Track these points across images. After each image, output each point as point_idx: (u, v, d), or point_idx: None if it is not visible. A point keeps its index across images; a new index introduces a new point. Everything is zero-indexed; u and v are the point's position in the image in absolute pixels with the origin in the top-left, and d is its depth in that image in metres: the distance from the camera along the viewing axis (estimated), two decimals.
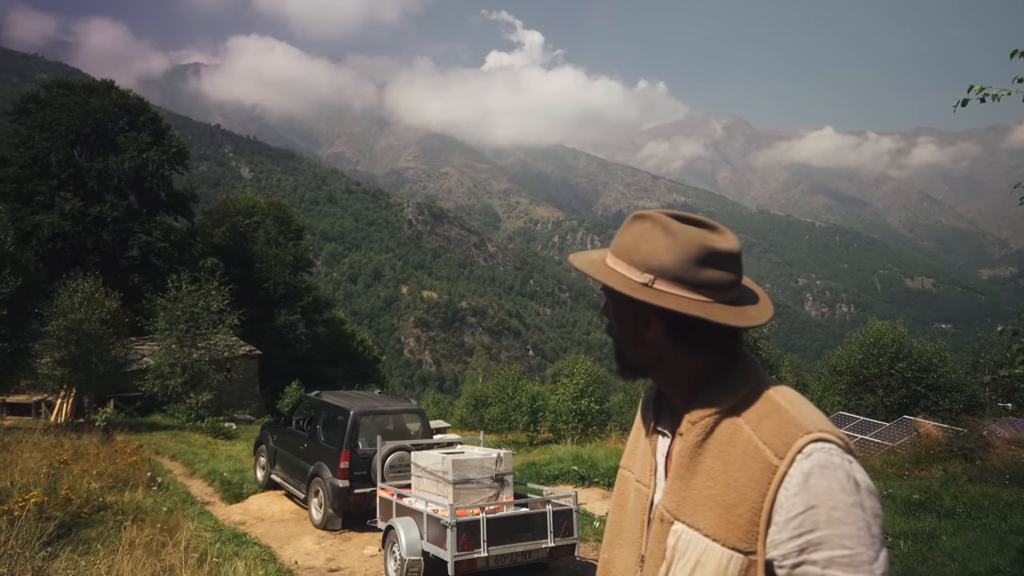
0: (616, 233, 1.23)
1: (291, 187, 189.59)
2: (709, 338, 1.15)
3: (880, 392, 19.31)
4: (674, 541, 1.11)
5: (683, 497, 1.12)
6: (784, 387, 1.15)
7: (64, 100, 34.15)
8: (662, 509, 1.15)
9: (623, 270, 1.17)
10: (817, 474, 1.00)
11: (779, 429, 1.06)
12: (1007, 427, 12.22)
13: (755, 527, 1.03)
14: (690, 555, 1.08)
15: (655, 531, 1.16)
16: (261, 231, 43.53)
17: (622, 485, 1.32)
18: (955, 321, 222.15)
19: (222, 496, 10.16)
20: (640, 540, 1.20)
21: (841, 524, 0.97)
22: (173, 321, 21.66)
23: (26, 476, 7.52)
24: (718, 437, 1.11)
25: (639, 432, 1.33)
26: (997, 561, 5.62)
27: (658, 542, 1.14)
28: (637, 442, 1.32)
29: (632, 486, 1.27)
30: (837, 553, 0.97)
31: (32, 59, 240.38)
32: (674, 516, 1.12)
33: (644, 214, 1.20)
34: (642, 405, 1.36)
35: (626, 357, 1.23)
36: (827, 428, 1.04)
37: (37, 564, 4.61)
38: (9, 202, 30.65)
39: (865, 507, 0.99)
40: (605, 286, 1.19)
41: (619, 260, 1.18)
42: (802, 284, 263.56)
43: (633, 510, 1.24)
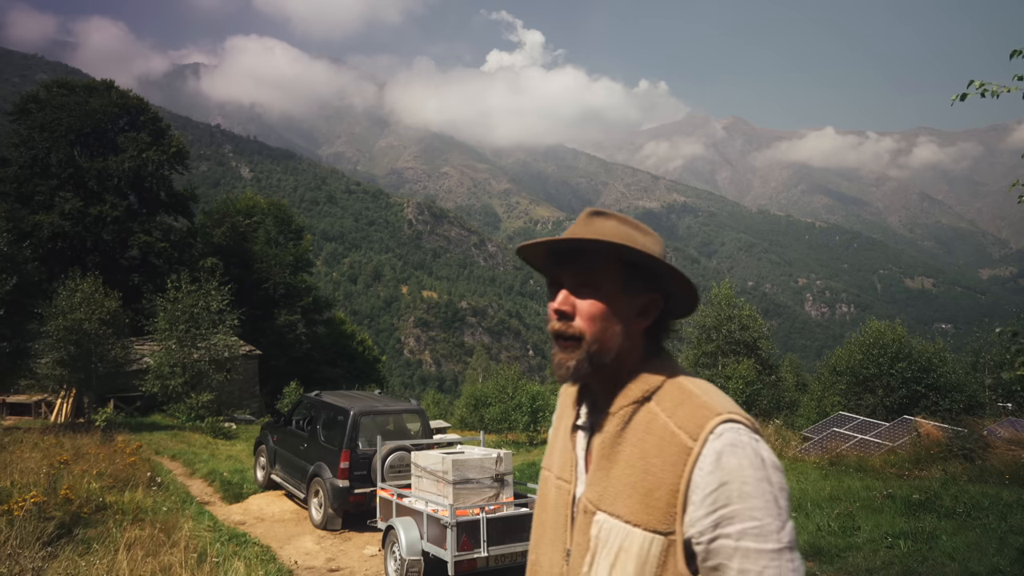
0: (578, 225, 1.21)
1: (291, 187, 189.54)
2: (666, 327, 1.25)
3: (880, 392, 19.31)
4: (596, 531, 1.14)
5: (604, 487, 1.16)
6: (695, 377, 1.21)
7: (64, 100, 34.15)
8: (585, 501, 1.18)
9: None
10: (728, 452, 1.06)
11: (692, 413, 1.11)
12: (1007, 427, 12.22)
13: (673, 508, 1.08)
14: (612, 542, 1.12)
15: (579, 523, 1.19)
16: (261, 231, 43.51)
17: (543, 485, 1.34)
18: (955, 321, 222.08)
19: (222, 496, 10.16)
20: (565, 535, 1.22)
21: (750, 498, 1.03)
22: (173, 321, 21.66)
23: (26, 476, 7.52)
24: (636, 426, 1.15)
25: (558, 432, 1.35)
26: (997, 561, 5.62)
27: (582, 534, 1.17)
28: (555, 441, 1.35)
29: (552, 484, 1.30)
30: (748, 525, 1.02)
31: (32, 59, 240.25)
32: (596, 507, 1.16)
33: (608, 212, 1.21)
34: (560, 404, 1.38)
35: (603, 352, 1.17)
36: (735, 410, 1.11)
37: (37, 564, 4.61)
38: (9, 202, 30.69)
39: (771, 481, 1.05)
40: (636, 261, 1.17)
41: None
42: (802, 284, 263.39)
43: (555, 507, 1.27)
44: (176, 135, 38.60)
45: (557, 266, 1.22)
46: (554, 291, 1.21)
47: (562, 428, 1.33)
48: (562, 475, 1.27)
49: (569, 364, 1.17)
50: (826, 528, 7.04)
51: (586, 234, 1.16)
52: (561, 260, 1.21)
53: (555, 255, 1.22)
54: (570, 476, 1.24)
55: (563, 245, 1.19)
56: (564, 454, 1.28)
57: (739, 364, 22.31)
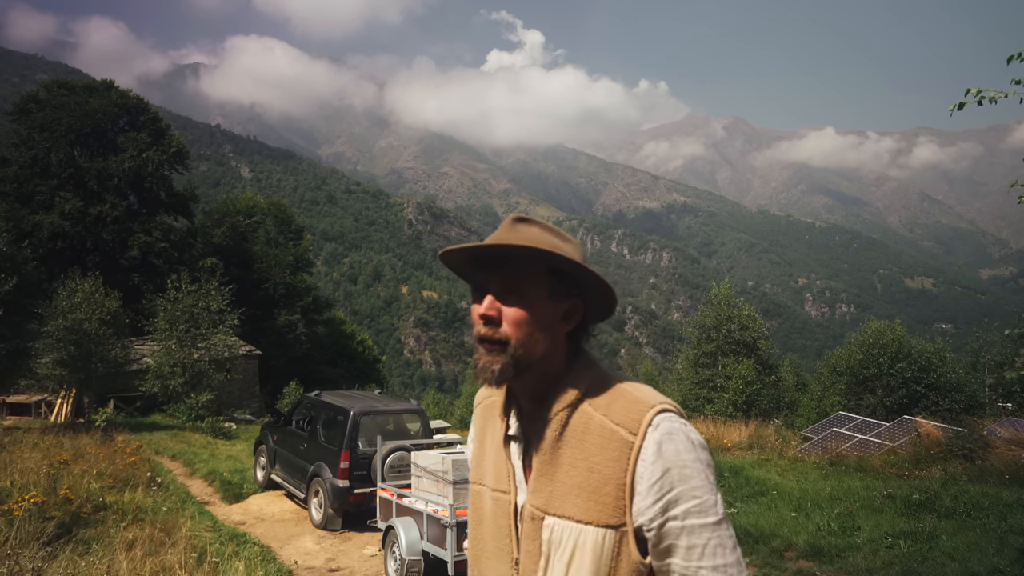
0: (503, 231, 1.22)
1: (291, 187, 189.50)
2: (587, 330, 1.29)
3: (880, 392, 19.32)
4: (548, 535, 1.17)
5: (550, 492, 1.18)
6: (618, 372, 1.27)
7: (64, 100, 34.13)
8: (531, 508, 1.20)
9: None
10: (666, 441, 1.13)
11: (627, 409, 1.17)
12: (1007, 427, 12.21)
13: (621, 501, 1.13)
14: (566, 543, 1.15)
15: (527, 531, 1.21)
16: (261, 231, 43.50)
17: (476, 500, 1.35)
18: (955, 321, 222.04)
19: (222, 496, 10.16)
20: (510, 545, 1.24)
21: (690, 479, 1.12)
22: (173, 321, 21.65)
23: (26, 476, 7.52)
24: (573, 428, 1.19)
25: (484, 445, 1.36)
26: (997, 561, 5.62)
27: (532, 540, 1.19)
28: (484, 454, 1.36)
29: (488, 497, 1.30)
30: (691, 504, 1.11)
31: (32, 59, 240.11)
32: (544, 512, 1.18)
33: (531, 219, 1.24)
34: (481, 418, 1.39)
35: (528, 356, 1.19)
36: (664, 400, 1.18)
37: (37, 564, 4.61)
38: (9, 202, 30.68)
39: (702, 460, 1.14)
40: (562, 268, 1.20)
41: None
42: (802, 284, 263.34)
43: (493, 520, 1.28)
44: (176, 135, 38.58)
45: (482, 272, 1.22)
46: (479, 296, 1.21)
47: (490, 441, 1.34)
48: (499, 487, 1.28)
49: (494, 368, 1.18)
50: (826, 528, 7.04)
51: (513, 240, 1.18)
52: (487, 266, 1.22)
53: (480, 261, 1.23)
54: (508, 486, 1.26)
55: (490, 251, 1.20)
56: (498, 465, 1.29)
57: (739, 364, 22.30)
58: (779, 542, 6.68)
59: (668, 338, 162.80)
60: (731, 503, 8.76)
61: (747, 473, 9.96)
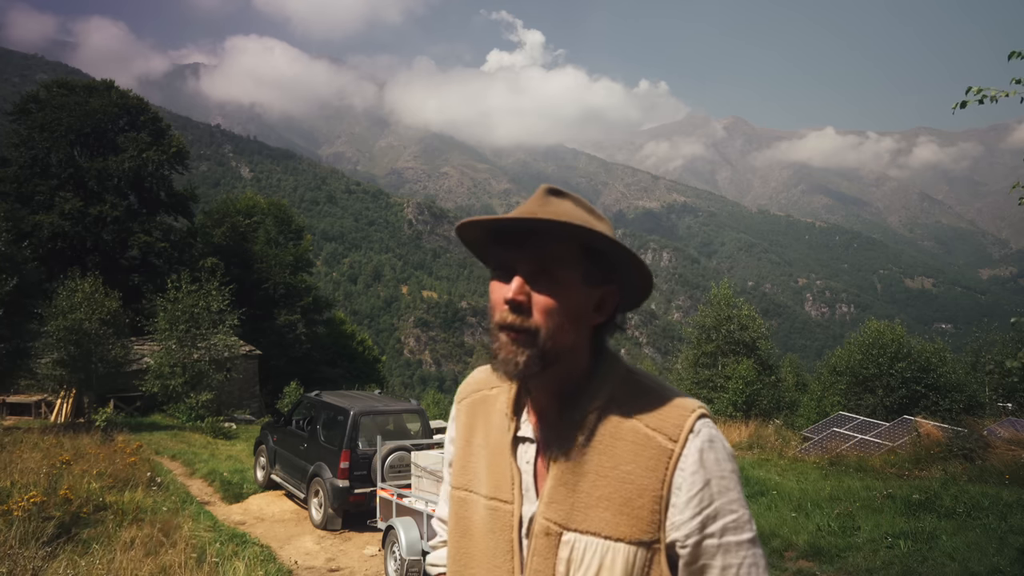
0: (534, 203, 1.06)
1: (291, 187, 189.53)
2: (615, 322, 1.13)
3: (880, 392, 19.32)
4: (567, 553, 1.03)
5: (571, 504, 1.05)
6: (642, 370, 1.14)
7: (64, 100, 34.14)
8: (545, 523, 1.05)
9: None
10: (707, 449, 1.03)
11: (665, 412, 1.06)
12: (1007, 427, 12.21)
13: (656, 515, 1.02)
14: (590, 562, 1.02)
15: (539, 548, 1.05)
16: (261, 231, 43.51)
17: (461, 508, 1.17)
18: (955, 321, 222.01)
19: (222, 496, 10.16)
20: (511, 564, 1.08)
21: (728, 491, 1.02)
22: (173, 321, 21.65)
23: (26, 476, 7.51)
24: (603, 433, 1.06)
25: (471, 445, 1.19)
26: (997, 561, 5.62)
27: (544, 559, 1.04)
28: (472, 456, 1.18)
29: (481, 506, 1.13)
30: (728, 520, 1.01)
31: (32, 59, 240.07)
32: (562, 527, 1.04)
33: (563, 191, 1.08)
34: (471, 411, 1.22)
35: (556, 349, 1.03)
36: (700, 403, 1.08)
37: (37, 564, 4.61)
38: (9, 202, 30.66)
39: (736, 471, 1.05)
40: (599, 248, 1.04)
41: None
42: (802, 284, 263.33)
43: (487, 533, 1.11)
44: (176, 135, 38.58)
45: (509, 249, 1.05)
46: (506, 276, 1.05)
47: (482, 441, 1.17)
48: (498, 495, 1.11)
49: (519, 360, 1.02)
50: (826, 528, 7.04)
51: (548, 215, 1.01)
52: (515, 243, 1.05)
53: (504, 237, 1.06)
54: (511, 495, 1.10)
55: (521, 225, 1.03)
56: (499, 471, 1.12)
57: (739, 364, 22.31)
58: (779, 542, 6.68)
59: (668, 338, 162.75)
60: None
61: (747, 473, 9.97)
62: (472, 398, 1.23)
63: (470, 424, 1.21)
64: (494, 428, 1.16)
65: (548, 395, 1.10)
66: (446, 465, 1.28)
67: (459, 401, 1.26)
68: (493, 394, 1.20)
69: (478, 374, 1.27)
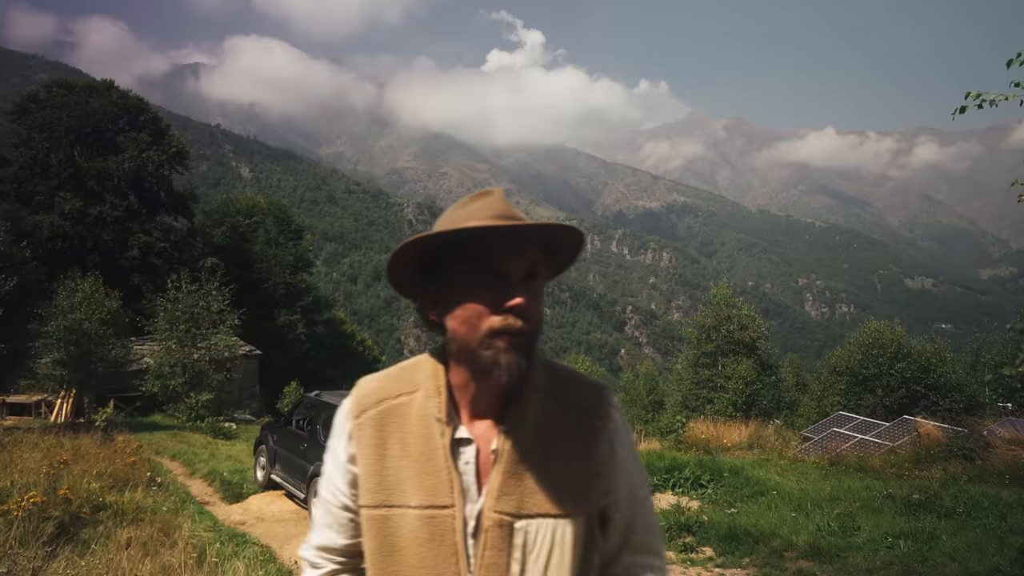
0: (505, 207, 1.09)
1: (291, 187, 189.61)
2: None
3: (880, 392, 19.34)
4: (522, 539, 1.08)
5: (521, 493, 1.09)
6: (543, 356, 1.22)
7: (64, 100, 34.15)
8: (497, 516, 1.08)
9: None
10: (622, 423, 1.18)
11: (588, 394, 1.18)
12: (1007, 427, 12.20)
13: (592, 486, 1.12)
14: (542, 543, 1.08)
15: (492, 541, 1.07)
16: (261, 231, 43.53)
17: (383, 527, 1.11)
18: (955, 321, 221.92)
19: (222, 496, 10.16)
20: (455, 568, 1.07)
21: (635, 458, 1.20)
22: (173, 321, 21.65)
23: (26, 476, 7.51)
24: (542, 421, 1.13)
25: (387, 459, 1.14)
26: (997, 561, 5.62)
27: (499, 551, 1.07)
28: (386, 472, 1.13)
29: (411, 519, 1.10)
30: (638, 477, 1.19)
31: (32, 59, 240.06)
32: (515, 516, 1.08)
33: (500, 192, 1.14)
34: (379, 424, 1.16)
35: (536, 346, 1.10)
36: (605, 382, 1.22)
37: (36, 564, 4.61)
38: (9, 202, 30.70)
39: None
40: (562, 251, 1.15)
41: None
42: (802, 284, 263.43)
43: (423, 543, 1.09)
44: (176, 135, 38.62)
45: (500, 255, 1.07)
46: (500, 284, 1.06)
47: (412, 451, 1.13)
48: (435, 502, 1.09)
49: (522, 363, 1.06)
50: (826, 528, 7.04)
51: (549, 221, 1.07)
52: (506, 248, 1.07)
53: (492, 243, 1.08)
54: (451, 499, 1.09)
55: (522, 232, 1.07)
56: (432, 478, 1.10)
57: (739, 364, 22.31)
58: (779, 542, 6.68)
59: (668, 338, 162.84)
60: (731, 503, 8.76)
61: (747, 473, 9.97)
62: (376, 411, 1.17)
63: (380, 438, 1.15)
64: (414, 436, 1.13)
65: (498, 392, 1.12)
66: (334, 487, 1.20)
67: (356, 417, 1.17)
68: (402, 402, 1.17)
69: (370, 385, 1.21)
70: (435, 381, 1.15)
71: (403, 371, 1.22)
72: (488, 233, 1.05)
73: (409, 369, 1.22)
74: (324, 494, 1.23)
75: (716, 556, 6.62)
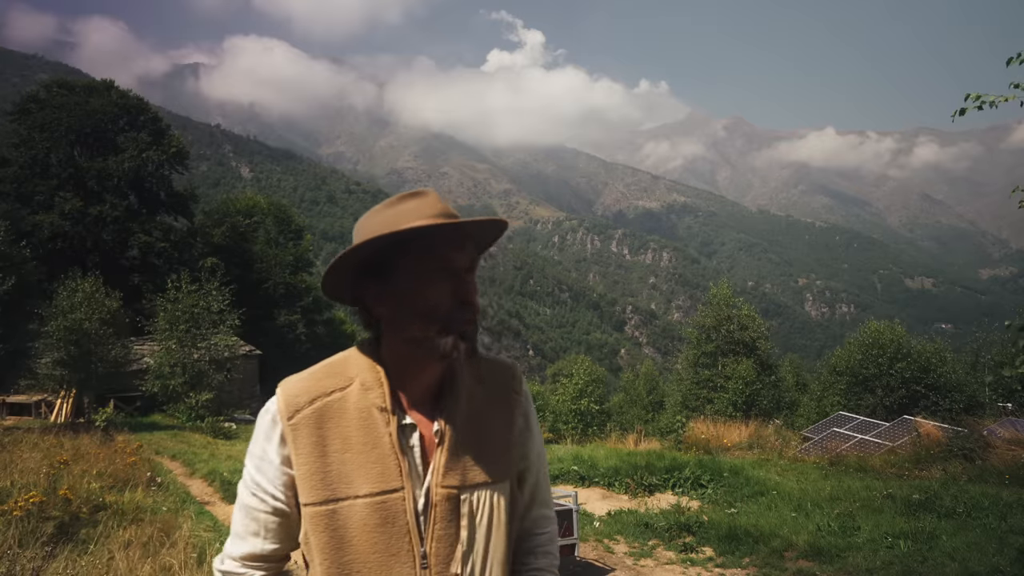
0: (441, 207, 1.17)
1: (291, 187, 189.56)
2: None
3: (880, 392, 19.32)
4: (468, 509, 1.18)
5: (462, 467, 1.18)
6: None
7: (64, 100, 34.15)
8: (445, 491, 1.16)
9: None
10: (527, 393, 1.33)
11: (502, 372, 1.30)
12: (1007, 427, 12.20)
13: (512, 454, 1.26)
14: (483, 509, 1.19)
15: (441, 514, 1.15)
16: (261, 231, 43.52)
17: (331, 522, 1.13)
18: (955, 321, 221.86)
19: (222, 496, 10.16)
20: (408, 545, 1.13)
21: (537, 423, 1.36)
22: (173, 321, 21.65)
23: (26, 476, 7.51)
24: (471, 400, 1.24)
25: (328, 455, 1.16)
26: (997, 561, 5.62)
27: (449, 522, 1.16)
28: (328, 467, 1.15)
29: (359, 508, 1.13)
30: (540, 442, 1.35)
31: (32, 59, 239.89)
32: (459, 488, 1.17)
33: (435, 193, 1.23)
34: (317, 421, 1.18)
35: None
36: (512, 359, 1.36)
37: (36, 564, 4.61)
38: (9, 202, 30.69)
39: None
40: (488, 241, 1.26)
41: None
42: (802, 284, 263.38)
43: (375, 529, 1.13)
44: (176, 135, 38.60)
45: (449, 251, 1.15)
46: (450, 276, 1.15)
47: (354, 444, 1.16)
48: (386, 487, 1.14)
49: (473, 347, 1.20)
50: (826, 528, 7.04)
51: (489, 216, 1.20)
52: (449, 245, 1.16)
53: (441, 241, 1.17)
54: (400, 481, 1.14)
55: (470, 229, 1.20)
56: (380, 465, 1.14)
57: (739, 364, 22.30)
58: (779, 542, 6.68)
59: (668, 338, 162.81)
60: (731, 503, 8.76)
61: (747, 473, 9.96)
62: (310, 409, 1.18)
63: (319, 435, 1.17)
64: (355, 429, 1.17)
65: (436, 377, 1.22)
66: (263, 493, 1.20)
67: (290, 418, 1.18)
68: (336, 398, 1.20)
69: (298, 385, 1.23)
70: (373, 373, 1.20)
71: (331, 367, 1.26)
72: (437, 232, 1.14)
73: (338, 365, 1.26)
74: (248, 501, 1.22)
75: (716, 556, 6.62)
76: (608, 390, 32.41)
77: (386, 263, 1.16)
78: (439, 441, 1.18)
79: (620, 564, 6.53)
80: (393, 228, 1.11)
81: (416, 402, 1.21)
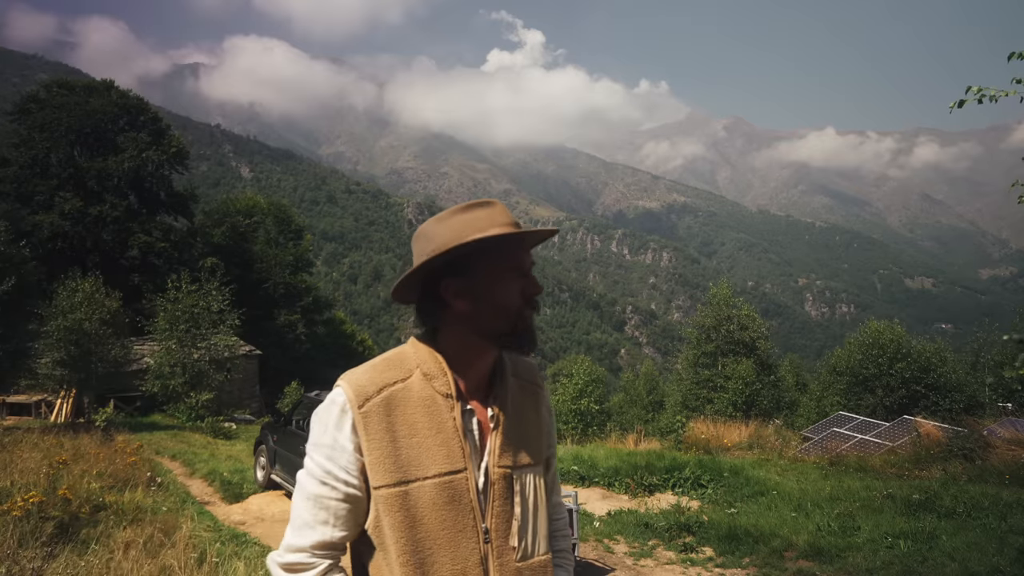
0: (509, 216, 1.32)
1: (291, 187, 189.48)
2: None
3: (880, 392, 19.32)
4: (519, 487, 1.32)
5: (513, 450, 1.33)
6: None
7: (64, 100, 34.14)
8: (502, 470, 1.31)
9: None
10: (546, 389, 1.49)
11: (528, 366, 1.46)
12: (1007, 427, 12.20)
13: (544, 440, 1.43)
14: (530, 488, 1.34)
15: (498, 492, 1.29)
16: (261, 231, 43.52)
17: (403, 503, 1.22)
18: (955, 321, 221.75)
19: (222, 496, 10.16)
20: (474, 522, 1.26)
21: (554, 416, 1.51)
22: (173, 321, 21.65)
23: (26, 476, 7.51)
24: (514, 390, 1.39)
25: (398, 440, 1.24)
26: (997, 561, 5.62)
27: (505, 499, 1.30)
28: (398, 452, 1.24)
29: (429, 488, 1.23)
30: (555, 432, 1.50)
31: (32, 59, 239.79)
32: (512, 468, 1.32)
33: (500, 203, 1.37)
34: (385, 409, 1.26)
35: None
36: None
37: (36, 564, 4.61)
38: (9, 202, 30.69)
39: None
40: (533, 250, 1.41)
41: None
42: (802, 284, 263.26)
43: (444, 506, 1.23)
44: (176, 135, 38.59)
45: (525, 253, 1.34)
46: (521, 275, 1.32)
47: (421, 429, 1.25)
48: (452, 468, 1.25)
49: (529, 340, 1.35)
50: (826, 528, 7.04)
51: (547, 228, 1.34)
52: (525, 248, 1.35)
53: (514, 244, 1.33)
54: (463, 463, 1.27)
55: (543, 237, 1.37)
56: (446, 448, 1.25)
57: (739, 364, 22.30)
58: (779, 542, 6.68)
59: (668, 338, 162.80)
60: (731, 503, 8.76)
61: (747, 473, 9.96)
62: (379, 399, 1.28)
63: (388, 422, 1.26)
64: (421, 415, 1.28)
65: (489, 366, 1.36)
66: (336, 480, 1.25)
67: (360, 406, 1.26)
68: (400, 388, 1.30)
69: (364, 375, 1.33)
70: (436, 363, 1.32)
71: (389, 361, 1.37)
72: (516, 239, 1.30)
73: (396, 358, 1.37)
74: (318, 491, 1.27)
75: (716, 556, 6.62)
76: (608, 390, 32.39)
77: (465, 264, 1.29)
78: (494, 425, 1.32)
79: (620, 564, 6.53)
80: (480, 234, 1.24)
81: (472, 390, 1.34)
